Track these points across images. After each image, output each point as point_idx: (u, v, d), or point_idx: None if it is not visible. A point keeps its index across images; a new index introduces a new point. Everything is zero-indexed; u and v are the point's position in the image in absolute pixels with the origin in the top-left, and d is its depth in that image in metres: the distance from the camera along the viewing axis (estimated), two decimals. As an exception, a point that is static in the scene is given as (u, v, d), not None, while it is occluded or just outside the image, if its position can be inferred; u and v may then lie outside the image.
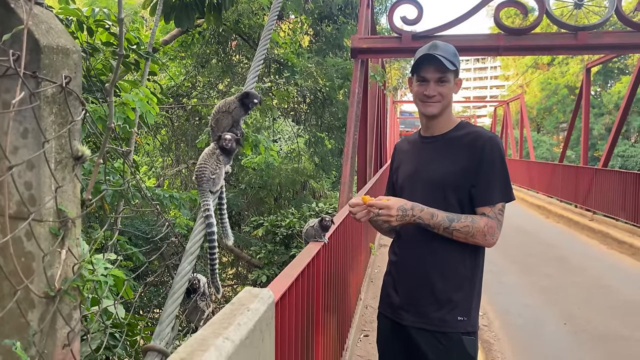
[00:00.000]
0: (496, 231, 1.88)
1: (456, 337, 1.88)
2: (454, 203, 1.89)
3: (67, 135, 0.93)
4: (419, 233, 1.92)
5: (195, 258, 1.47)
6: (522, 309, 5.65)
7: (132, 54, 5.11)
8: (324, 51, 11.80)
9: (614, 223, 10.41)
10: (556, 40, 6.97)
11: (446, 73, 1.90)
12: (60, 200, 0.93)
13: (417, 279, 1.95)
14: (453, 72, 1.91)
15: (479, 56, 45.93)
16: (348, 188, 6.68)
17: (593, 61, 14.15)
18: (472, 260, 1.94)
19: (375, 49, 7.27)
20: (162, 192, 4.91)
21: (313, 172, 13.21)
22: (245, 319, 1.33)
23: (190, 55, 10.94)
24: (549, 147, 33.13)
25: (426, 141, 2.03)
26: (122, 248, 4.04)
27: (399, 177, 2.09)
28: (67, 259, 0.94)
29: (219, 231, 1.81)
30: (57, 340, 0.94)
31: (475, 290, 1.95)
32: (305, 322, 2.27)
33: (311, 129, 12.69)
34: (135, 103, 3.67)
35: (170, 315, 1.37)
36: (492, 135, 1.96)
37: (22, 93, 0.82)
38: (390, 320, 2.04)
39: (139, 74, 6.17)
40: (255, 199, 13.13)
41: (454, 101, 2.05)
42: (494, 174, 1.87)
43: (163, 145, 11.84)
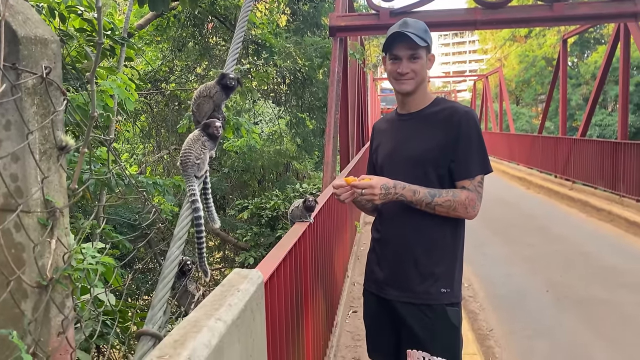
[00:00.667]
0: (477, 203, 1.93)
1: (440, 308, 1.93)
2: (434, 179, 1.93)
3: (50, 126, 0.93)
4: (400, 209, 1.96)
5: (184, 242, 1.48)
6: (506, 278, 5.79)
7: (107, 40, 5.01)
8: (302, 30, 11.69)
9: (593, 191, 10.64)
10: (532, 12, 7.01)
11: (417, 50, 1.91)
12: (47, 190, 0.94)
13: (400, 254, 1.99)
14: (424, 48, 1.93)
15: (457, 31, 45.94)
16: (331, 168, 6.71)
17: (569, 32, 14.28)
18: (453, 234, 1.99)
19: (354, 27, 7.24)
20: (145, 179, 4.87)
21: (295, 153, 13.20)
22: (235, 300, 1.36)
23: (166, 39, 10.75)
24: (528, 119, 33.46)
25: (403, 119, 2.06)
26: (107, 236, 4.03)
27: (378, 156, 2.12)
28: (57, 249, 0.95)
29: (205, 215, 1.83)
30: (52, 328, 0.95)
31: (457, 263, 2.00)
32: (294, 300, 2.31)
33: (292, 110, 12.64)
34: (114, 90, 3.62)
35: (162, 300, 1.39)
36: (467, 109, 1.99)
37: (4, 85, 0.82)
38: (376, 296, 2.09)
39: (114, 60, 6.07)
40: (239, 183, 13.11)
41: (434, 77, 2.08)
42: (472, 148, 1.91)
43: (143, 132, 11.71)
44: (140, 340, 1.32)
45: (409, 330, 1.95)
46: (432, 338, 1.91)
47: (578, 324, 4.44)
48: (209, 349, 1.06)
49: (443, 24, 7.17)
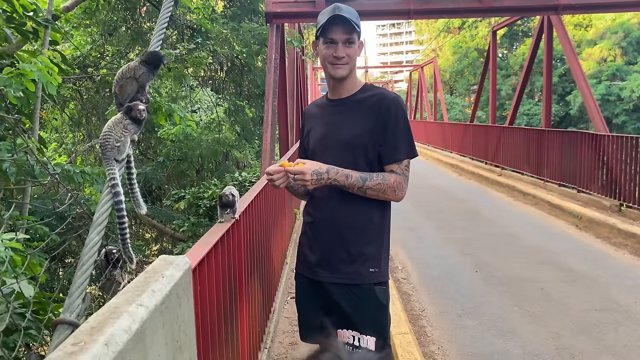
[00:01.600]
0: (404, 186, 1.99)
1: (368, 287, 1.99)
2: (363, 163, 1.98)
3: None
4: (330, 193, 2.00)
5: (104, 229, 1.44)
6: (438, 260, 6.02)
7: (29, 22, 4.72)
8: (239, 16, 11.49)
9: (520, 177, 11.22)
10: (462, 3, 7.26)
11: (353, 34, 1.95)
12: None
13: (330, 236, 2.03)
14: (358, 33, 1.97)
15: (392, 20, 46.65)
16: (269, 156, 6.70)
17: (499, 24, 14.88)
18: (380, 216, 2.04)
19: (290, 13, 7.22)
20: (72, 167, 4.65)
21: (235, 141, 13.02)
22: (160, 286, 1.34)
23: (95, 23, 10.24)
24: (461, 109, 34.70)
25: (334, 104, 2.09)
26: (32, 228, 3.82)
27: (310, 140, 2.14)
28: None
29: (131, 201, 1.78)
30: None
31: (384, 243, 2.07)
32: (227, 286, 2.30)
33: (230, 97, 12.44)
34: (34, 73, 3.42)
35: (80, 287, 1.34)
36: (395, 95, 2.05)
37: None
38: (307, 279, 2.12)
39: (39, 44, 5.73)
40: (176, 172, 12.78)
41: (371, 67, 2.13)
42: (399, 133, 1.97)
43: (72, 120, 11.16)
44: (57, 329, 1.27)
45: (340, 311, 2.00)
46: (361, 317, 1.97)
47: (504, 301, 4.69)
48: (129, 334, 1.03)
49: (378, 13, 7.29)
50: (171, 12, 2.13)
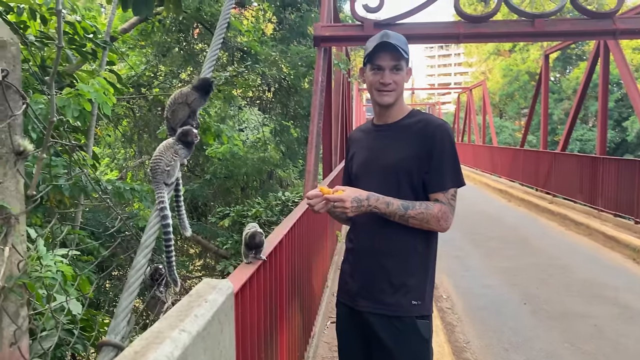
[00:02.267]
0: (449, 216, 1.93)
1: (410, 320, 1.92)
2: (407, 189, 1.94)
3: (7, 130, 0.90)
4: (373, 220, 1.96)
5: (151, 251, 1.45)
6: (485, 290, 5.82)
7: (89, 43, 4.96)
8: (287, 39, 11.70)
9: (572, 205, 10.78)
10: (514, 27, 7.11)
11: (400, 61, 1.93)
12: (2, 196, 0.91)
13: (372, 265, 1.98)
14: (405, 60, 1.95)
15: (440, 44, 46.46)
16: (313, 177, 6.70)
17: (551, 48, 14.53)
18: (424, 246, 1.98)
19: (338, 37, 7.27)
20: (123, 184, 4.81)
21: (279, 161, 13.15)
22: (202, 311, 1.33)
23: (150, 44, 10.68)
24: (511, 133, 33.88)
25: (380, 129, 2.06)
26: (82, 243, 3.95)
27: (354, 165, 2.12)
28: (11, 256, 0.92)
29: (177, 223, 1.80)
30: (4, 338, 0.92)
31: (428, 275, 2.00)
32: (268, 311, 2.28)
33: (277, 117, 12.62)
34: (91, 94, 3.57)
35: (126, 309, 1.36)
36: (441, 122, 2.00)
37: (-45, 88, 0.79)
38: (348, 307, 2.08)
39: (97, 64, 6.01)
40: (222, 190, 13.00)
41: (418, 88, 2.10)
42: (445, 161, 1.92)
43: (125, 137, 11.58)
44: (102, 350, 1.29)
45: (380, 342, 1.94)
46: (402, 351, 1.90)
47: (554, 336, 4.47)
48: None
49: (426, 37, 7.24)
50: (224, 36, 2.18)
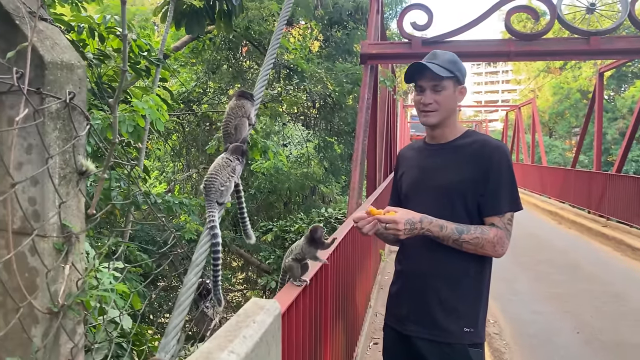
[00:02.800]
0: (505, 241, 1.85)
1: (462, 348, 1.85)
2: (461, 212, 1.87)
3: (72, 151, 0.93)
4: (424, 243, 1.90)
5: (202, 269, 1.46)
6: (534, 316, 5.58)
7: (143, 61, 5.15)
8: (333, 56, 11.82)
9: (628, 229, 10.27)
10: (568, 45, 6.91)
11: (441, 81, 1.88)
12: (64, 215, 0.93)
13: (422, 289, 1.93)
14: (451, 79, 1.89)
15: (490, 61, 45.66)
16: (357, 194, 6.67)
17: (606, 65, 14.02)
18: (477, 271, 1.91)
19: (385, 55, 7.26)
20: (172, 198, 4.93)
21: (322, 176, 13.20)
22: (251, 332, 1.32)
23: (201, 61, 11.01)
24: (561, 152, 32.81)
25: (432, 148, 2.01)
26: (131, 255, 4.06)
27: (403, 184, 2.07)
28: (71, 274, 0.94)
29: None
30: (61, 355, 0.94)
31: (481, 301, 1.92)
32: (312, 331, 2.26)
33: (320, 133, 12.70)
34: (145, 110, 3.69)
35: (177, 327, 1.36)
36: (499, 143, 1.93)
37: (26, 110, 0.82)
38: (396, 331, 2.02)
39: (150, 80, 6.23)
40: (265, 204, 13.14)
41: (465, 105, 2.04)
42: (502, 184, 1.84)
43: (174, 151, 11.92)
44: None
45: None
46: None
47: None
48: (220, 383, 1.02)
49: (476, 55, 7.13)
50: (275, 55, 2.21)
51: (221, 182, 1.60)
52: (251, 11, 9.08)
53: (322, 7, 11.04)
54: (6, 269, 0.88)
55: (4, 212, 0.88)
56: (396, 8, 13.16)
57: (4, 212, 0.88)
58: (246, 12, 8.73)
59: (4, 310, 0.91)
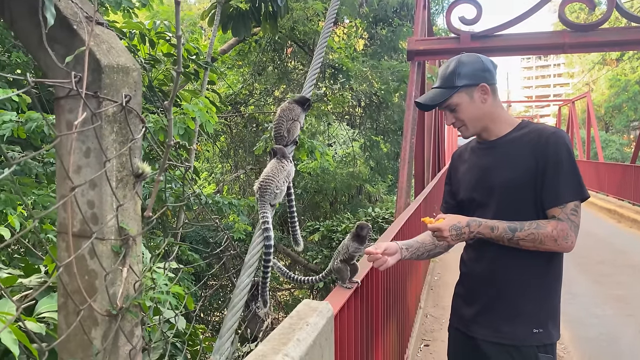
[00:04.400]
0: (569, 234, 1.71)
1: (530, 351, 1.76)
2: (528, 208, 1.78)
3: (128, 154, 0.93)
4: (488, 244, 1.82)
5: (254, 270, 1.46)
6: (594, 319, 5.33)
7: (191, 64, 5.25)
8: (379, 54, 11.71)
9: (695, 228, 9.67)
10: (627, 35, 6.55)
11: (447, 101, 1.83)
12: (122, 218, 0.94)
13: (487, 290, 1.85)
14: (460, 91, 1.81)
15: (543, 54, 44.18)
16: (405, 193, 6.57)
17: (668, 55, 13.25)
18: (545, 269, 1.82)
19: (433, 50, 7.11)
20: (221, 199, 5.00)
21: (368, 176, 13.12)
22: (304, 334, 1.30)
23: (247, 63, 11.16)
24: (618, 147, 31.33)
25: (484, 146, 1.92)
26: (183, 254, 4.14)
27: (461, 187, 1.98)
28: (128, 277, 0.95)
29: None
30: (119, 357, 0.94)
31: (550, 300, 1.83)
32: (364, 333, 2.22)
33: (366, 132, 12.62)
34: (195, 113, 3.76)
35: (230, 330, 1.36)
36: (556, 129, 1.82)
37: (84, 114, 0.83)
38: (461, 333, 1.96)
39: (198, 83, 6.35)
40: (311, 204, 13.20)
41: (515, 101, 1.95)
42: (562, 171, 1.72)
43: (222, 152, 12.14)
44: (209, 370, 1.30)
45: None
46: None
47: (680, 378, 3.98)
48: (276, 386, 1.01)
49: (528, 48, 6.88)
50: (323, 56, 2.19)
51: (277, 184, 1.60)
52: (296, 12, 9.11)
53: (367, 5, 10.96)
54: (67, 272, 0.89)
55: (64, 215, 0.89)
56: (443, 3, 12.91)
57: (64, 215, 0.89)
58: (291, 13, 8.77)
59: (65, 312, 0.92)
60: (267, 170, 1.64)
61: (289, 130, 1.81)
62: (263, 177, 1.62)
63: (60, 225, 0.91)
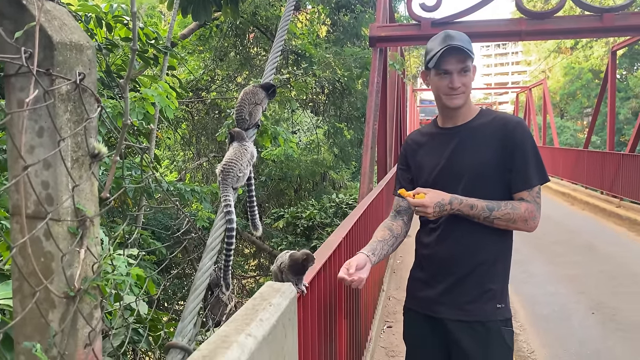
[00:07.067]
0: (536, 215, 1.86)
1: (495, 326, 1.85)
2: (493, 192, 1.86)
3: (83, 133, 0.92)
4: (452, 224, 1.90)
5: (217, 253, 1.46)
6: (549, 298, 5.56)
7: (150, 49, 5.13)
8: (341, 41, 11.71)
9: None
10: (581, 22, 6.78)
11: (467, 62, 1.85)
12: (78, 199, 0.92)
13: (453, 270, 1.91)
14: (472, 59, 1.87)
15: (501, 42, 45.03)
16: (368, 178, 6.64)
17: (619, 44, 13.76)
18: (505, 248, 1.94)
19: (394, 37, 7.17)
20: (183, 186, 4.94)
21: (333, 163, 13.18)
22: (267, 315, 1.31)
23: (208, 48, 10.97)
24: (573, 133, 32.46)
25: (448, 132, 1.96)
26: (145, 242, 4.08)
27: (422, 172, 2.01)
28: (86, 258, 0.93)
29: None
30: (79, 340, 0.93)
31: (507, 277, 1.96)
32: (327, 315, 2.26)
33: (330, 119, 12.65)
34: (155, 98, 3.68)
35: (193, 312, 1.36)
36: (519, 119, 1.96)
37: (36, 91, 0.81)
38: (422, 315, 2.00)
39: (158, 69, 6.21)
40: (276, 191, 13.18)
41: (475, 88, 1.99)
42: (529, 158, 1.85)
43: (184, 139, 11.95)
44: (170, 353, 1.30)
45: (461, 351, 1.86)
46: (485, 357, 1.83)
47: (627, 349, 4.20)
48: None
49: (486, 35, 7.02)
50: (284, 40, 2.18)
51: (240, 168, 1.60)
52: (258, -4, 9.00)
53: (329, -9, 10.92)
54: (21, 254, 0.88)
55: (17, 196, 0.87)
56: (404, -10, 12.97)
57: (17, 196, 0.87)
58: (253, -2, 8.66)
59: (21, 295, 0.90)
60: (230, 153, 1.63)
61: (250, 114, 1.80)
62: (225, 160, 1.61)
63: (13, 207, 0.89)
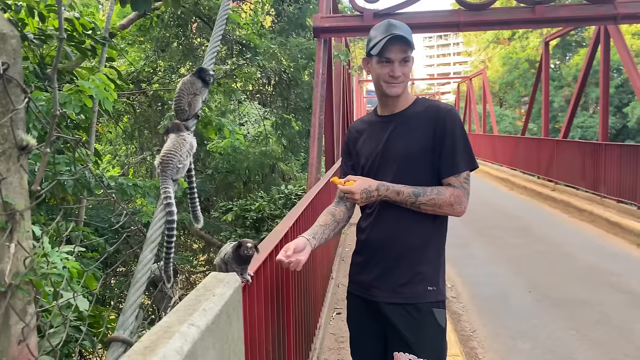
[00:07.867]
0: (463, 200, 1.92)
1: (426, 307, 1.92)
2: (424, 177, 1.93)
3: (10, 125, 0.89)
4: (385, 210, 1.96)
5: (157, 246, 1.44)
6: (489, 279, 5.81)
7: (87, 40, 4.93)
8: (286, 31, 11.64)
9: (575, 192, 10.76)
10: (515, 14, 7.06)
11: (408, 52, 1.91)
12: (6, 192, 0.89)
13: (388, 255, 1.97)
14: (412, 50, 1.93)
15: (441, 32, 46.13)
16: (316, 169, 6.69)
17: (551, 34, 14.43)
18: (439, 235, 1.99)
19: (337, 28, 7.23)
20: (125, 180, 4.80)
21: (281, 154, 13.12)
22: (211, 305, 1.32)
23: (149, 39, 10.62)
24: (511, 121, 33.79)
25: (386, 120, 2.04)
26: (86, 239, 3.94)
27: (360, 157, 2.08)
28: (17, 253, 0.91)
29: (189, 216, 1.78)
30: (12, 336, 0.91)
31: (441, 262, 2.01)
32: (275, 303, 2.28)
33: (277, 111, 12.58)
34: (92, 90, 3.55)
35: (134, 305, 1.35)
36: (450, 107, 2.01)
37: (-45, 81, 0.78)
38: (361, 299, 2.06)
39: (96, 60, 5.98)
40: (224, 184, 12.99)
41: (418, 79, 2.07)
42: (457, 145, 1.91)
43: (126, 133, 11.56)
44: (111, 346, 1.28)
45: (396, 332, 1.93)
46: (419, 338, 1.90)
47: (560, 324, 4.47)
48: (181, 355, 1.02)
49: (427, 26, 7.19)
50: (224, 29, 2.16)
51: (179, 159, 1.57)
52: (199, -14, 8.81)
53: (272, -19, 10.82)
54: (-54, 251, 0.84)
55: (-60, 191, 0.83)
56: (347, -19, 13.03)
57: (-60, 191, 0.83)
58: (194, -13, 8.46)
59: (-52, 293, 0.87)
60: (168, 144, 1.60)
61: (190, 104, 1.78)
62: (164, 152, 1.58)
63: (-64, 203, 0.85)
